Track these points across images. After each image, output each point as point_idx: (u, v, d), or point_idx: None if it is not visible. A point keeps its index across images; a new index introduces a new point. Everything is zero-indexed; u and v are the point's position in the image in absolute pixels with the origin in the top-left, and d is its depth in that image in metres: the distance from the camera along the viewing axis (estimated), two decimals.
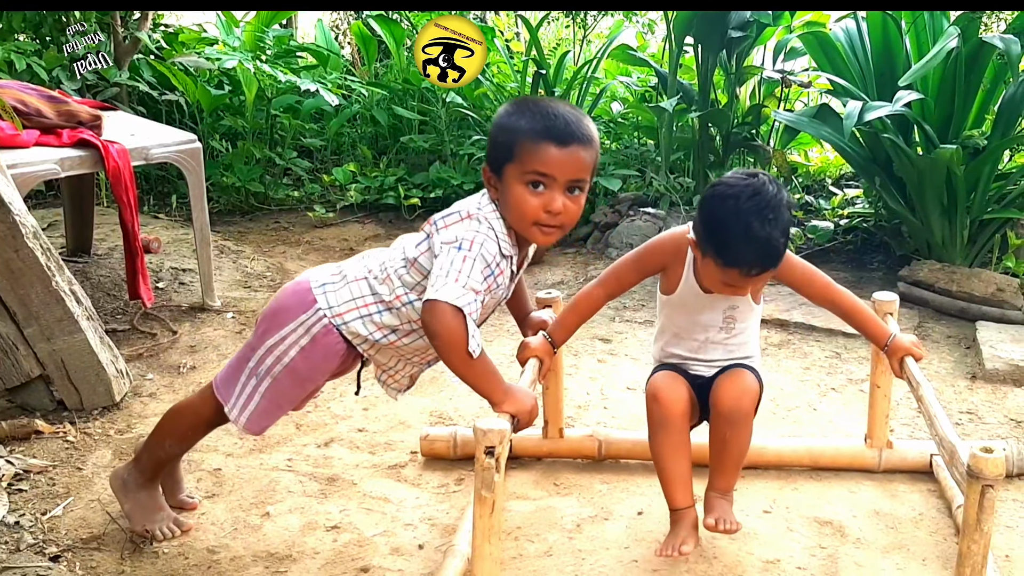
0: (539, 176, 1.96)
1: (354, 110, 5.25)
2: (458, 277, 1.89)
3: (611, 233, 4.41)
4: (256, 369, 2.15)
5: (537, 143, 1.95)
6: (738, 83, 4.51)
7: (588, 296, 2.26)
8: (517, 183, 1.97)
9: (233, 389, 2.18)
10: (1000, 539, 2.32)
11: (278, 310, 2.14)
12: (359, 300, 2.09)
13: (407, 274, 2.06)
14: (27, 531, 2.30)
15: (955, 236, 3.85)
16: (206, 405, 2.24)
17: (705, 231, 2.06)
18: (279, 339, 2.12)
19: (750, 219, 1.98)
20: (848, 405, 3.02)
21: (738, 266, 2.02)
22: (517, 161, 1.96)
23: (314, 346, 2.10)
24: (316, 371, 2.14)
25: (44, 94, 3.42)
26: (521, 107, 2.02)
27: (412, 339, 2.11)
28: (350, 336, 2.09)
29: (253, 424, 2.18)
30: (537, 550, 2.28)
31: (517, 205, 1.98)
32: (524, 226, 2.01)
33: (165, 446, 2.29)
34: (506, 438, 1.76)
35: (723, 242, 2.01)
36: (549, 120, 1.96)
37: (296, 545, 2.30)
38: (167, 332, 3.47)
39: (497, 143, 2.01)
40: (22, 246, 2.74)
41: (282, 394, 2.16)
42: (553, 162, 1.95)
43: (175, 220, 4.69)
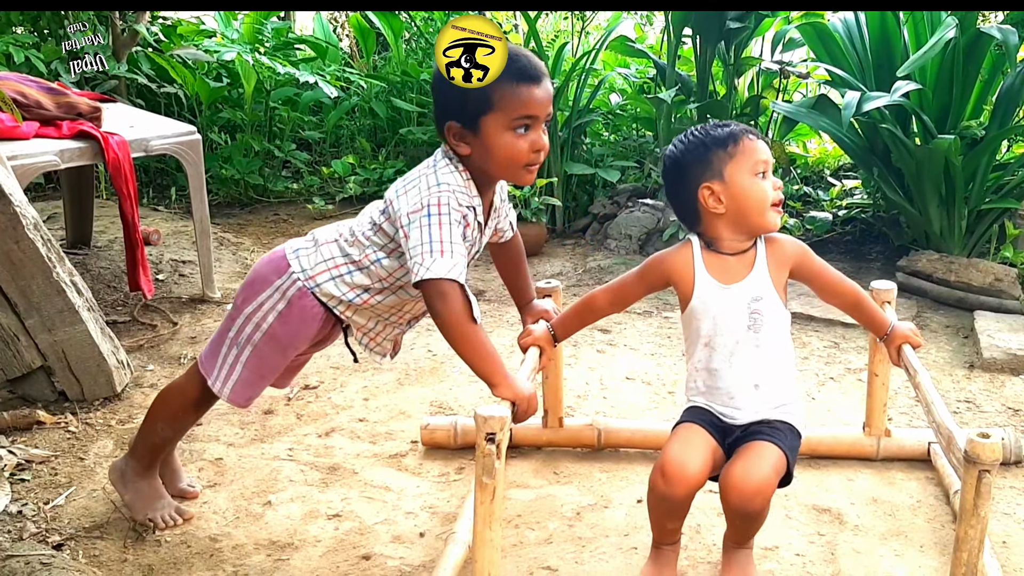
0: (526, 119, 1.97)
1: (353, 102, 5.26)
2: (442, 248, 1.90)
3: (610, 224, 4.42)
4: (236, 339, 2.16)
5: (517, 87, 1.95)
6: (736, 74, 4.51)
7: (592, 302, 2.24)
8: (503, 131, 1.96)
9: (215, 361, 2.19)
10: (997, 525, 2.34)
11: (255, 279, 2.16)
12: (330, 261, 2.11)
13: (374, 235, 2.08)
14: (30, 520, 2.31)
15: (953, 226, 3.86)
16: (192, 383, 2.26)
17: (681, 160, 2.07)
18: (256, 306, 2.14)
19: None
20: (846, 394, 3.03)
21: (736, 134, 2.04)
22: (499, 110, 1.95)
23: (290, 310, 2.12)
24: (295, 336, 2.15)
25: (44, 86, 3.42)
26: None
27: (384, 296, 2.12)
28: (324, 298, 2.11)
29: (237, 395, 2.19)
30: (537, 537, 2.30)
31: (507, 152, 1.98)
32: (514, 170, 2.02)
33: (158, 430, 2.30)
34: (507, 425, 1.77)
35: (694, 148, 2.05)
36: (516, 62, 1.95)
37: (298, 533, 2.31)
38: (167, 323, 3.48)
39: (467, 97, 1.96)
40: (23, 237, 2.75)
41: (264, 362, 2.17)
42: (535, 101, 1.97)
43: (174, 212, 4.70)
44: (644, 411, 2.92)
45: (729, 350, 2.06)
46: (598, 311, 2.24)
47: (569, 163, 4.53)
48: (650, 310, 3.70)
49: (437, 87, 2.04)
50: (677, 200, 2.11)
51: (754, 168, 2.03)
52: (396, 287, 2.12)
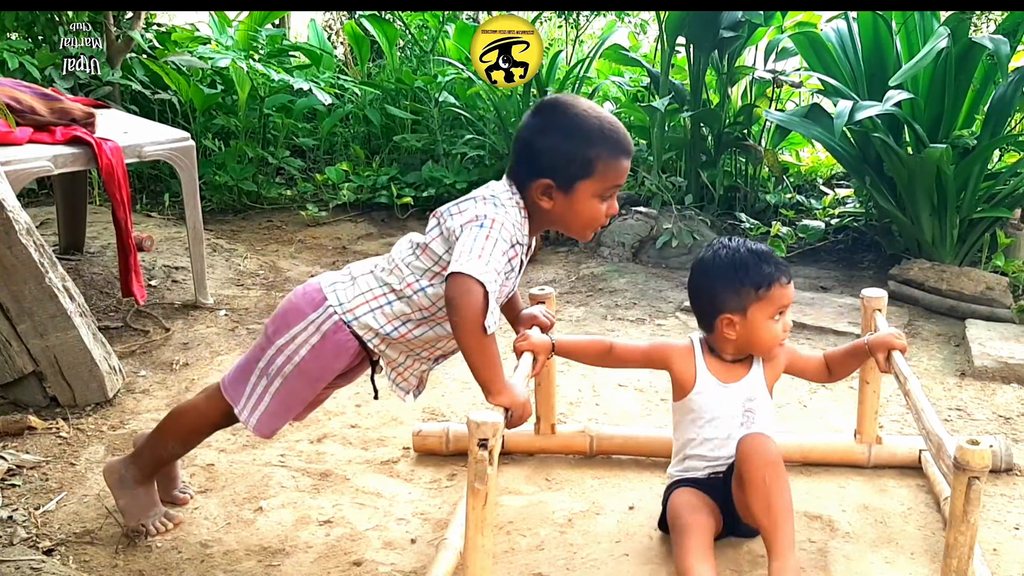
0: (615, 188, 2.09)
1: (347, 109, 5.26)
2: (481, 254, 1.92)
3: (603, 232, 4.42)
4: (267, 369, 2.15)
5: (616, 160, 2.07)
6: (730, 83, 4.53)
7: (599, 346, 2.34)
8: (593, 198, 2.07)
9: (243, 389, 2.18)
10: (988, 533, 2.34)
11: (289, 310, 2.16)
12: (368, 294, 2.11)
13: (416, 260, 2.08)
14: (20, 525, 2.30)
15: (945, 235, 3.88)
16: (212, 407, 2.24)
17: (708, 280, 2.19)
18: (290, 338, 2.13)
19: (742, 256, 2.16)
20: (838, 402, 3.04)
21: (769, 287, 2.13)
22: (596, 179, 2.05)
23: (324, 344, 2.11)
24: (326, 370, 2.14)
25: (37, 91, 3.42)
26: (582, 123, 2.05)
27: (422, 330, 2.12)
28: (361, 331, 2.10)
29: (263, 425, 2.18)
30: (529, 544, 2.30)
31: (590, 216, 2.09)
32: (587, 231, 2.14)
33: (168, 447, 2.30)
34: (499, 431, 1.77)
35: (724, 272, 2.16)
36: (616, 135, 2.07)
37: (289, 539, 2.31)
38: (160, 329, 3.48)
39: (570, 161, 2.04)
40: (15, 242, 2.75)
41: (292, 395, 2.16)
42: (624, 174, 2.11)
43: (168, 218, 4.69)
44: (636, 418, 2.93)
45: (720, 442, 2.22)
46: (599, 356, 2.34)
47: None
48: (643, 317, 3.70)
49: (532, 147, 2.08)
50: (696, 304, 2.27)
51: (775, 312, 2.16)
52: (436, 320, 2.11)
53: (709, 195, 4.65)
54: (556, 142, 2.04)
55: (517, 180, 2.09)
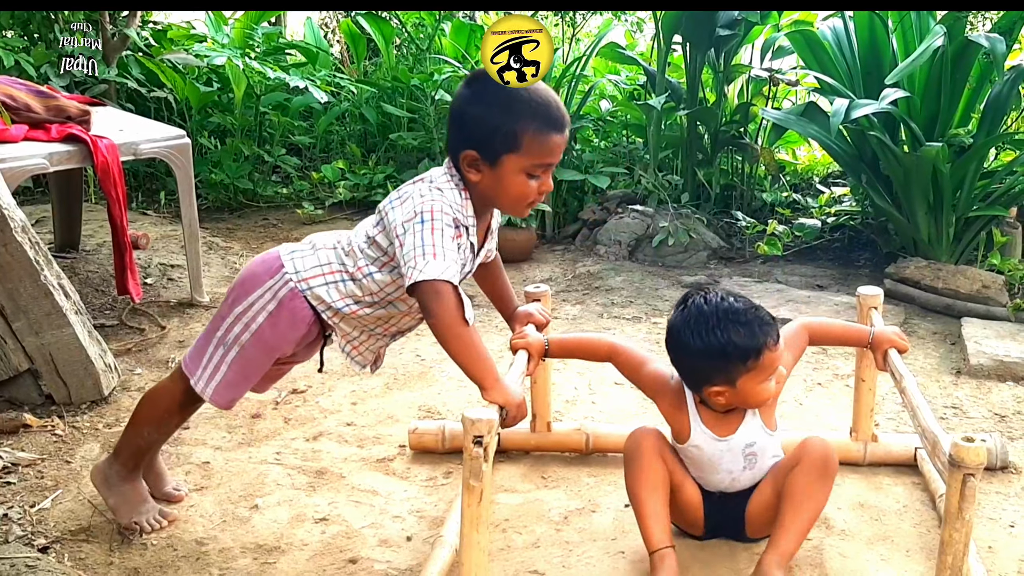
0: (545, 165, 2.04)
1: (343, 108, 5.26)
2: (435, 252, 1.92)
3: (599, 230, 4.43)
4: (224, 338, 2.16)
5: (545, 135, 2.00)
6: (726, 81, 4.53)
7: (596, 347, 2.31)
8: (519, 173, 2.02)
9: (200, 361, 2.18)
10: (983, 531, 2.34)
11: (247, 278, 2.16)
12: (325, 267, 2.11)
13: (368, 248, 2.09)
14: (16, 523, 2.30)
15: (941, 234, 3.88)
16: (177, 385, 2.25)
17: (691, 357, 2.07)
18: (247, 306, 2.13)
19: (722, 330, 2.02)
20: (834, 400, 3.04)
21: (759, 349, 2.01)
22: (522, 153, 2.00)
23: (280, 311, 2.11)
24: (283, 339, 2.14)
25: (33, 89, 3.42)
26: (510, 94, 2.00)
27: (373, 310, 2.13)
28: (314, 301, 2.11)
29: (219, 395, 2.18)
30: (525, 542, 2.30)
31: (518, 191, 2.03)
32: (517, 207, 2.08)
33: (144, 434, 2.29)
34: (494, 428, 1.77)
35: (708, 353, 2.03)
36: (548, 109, 2.01)
37: (285, 537, 2.31)
38: (155, 327, 3.48)
39: (494, 133, 1.99)
40: (10, 240, 2.74)
41: (249, 364, 2.16)
42: (557, 150, 2.04)
43: (163, 217, 4.69)
44: (632, 416, 2.92)
45: (726, 484, 2.19)
46: (597, 356, 2.33)
47: (559, 169, 4.54)
48: (639, 316, 3.70)
49: (462, 117, 2.05)
50: (680, 371, 2.14)
51: (767, 377, 2.06)
52: (386, 302, 2.12)
53: (705, 193, 4.65)
54: (482, 112, 2.00)
55: (452, 154, 2.07)
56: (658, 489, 2.12)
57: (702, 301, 2.06)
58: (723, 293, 2.08)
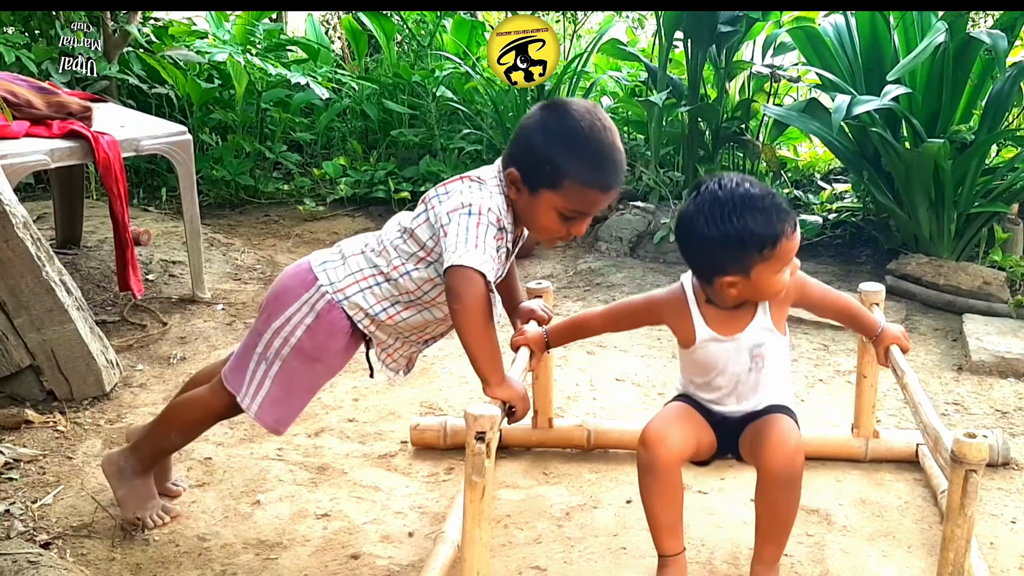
0: (578, 214, 2.03)
1: (344, 104, 5.25)
2: (477, 242, 1.92)
3: (600, 227, 4.42)
4: (264, 354, 2.15)
5: (587, 189, 1.99)
6: (727, 78, 4.52)
7: (588, 323, 2.28)
8: (552, 210, 2.02)
9: (243, 377, 2.17)
10: (985, 527, 2.34)
11: (281, 292, 2.16)
12: (358, 274, 2.11)
13: (403, 244, 2.08)
14: (17, 519, 2.30)
15: (942, 230, 3.88)
16: (216, 398, 2.23)
17: (704, 246, 1.94)
18: (284, 320, 2.13)
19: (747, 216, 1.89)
20: (835, 396, 3.04)
21: (776, 236, 1.90)
22: (560, 194, 2.00)
23: (319, 323, 2.11)
24: (323, 350, 2.14)
25: (34, 85, 3.42)
26: (572, 135, 1.98)
27: (410, 313, 2.13)
28: (351, 310, 2.11)
29: (265, 412, 2.17)
30: (526, 537, 2.30)
31: (546, 226, 2.05)
32: (543, 237, 2.11)
33: (170, 438, 2.29)
34: (497, 424, 1.77)
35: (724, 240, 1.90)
36: (602, 166, 1.99)
37: (286, 533, 2.31)
38: (157, 323, 3.48)
39: (541, 165, 1.99)
40: (12, 236, 2.74)
41: (292, 378, 2.16)
42: (595, 205, 2.04)
43: (165, 213, 4.69)
44: (634, 412, 2.93)
45: (731, 388, 2.09)
46: (591, 331, 2.30)
47: None
48: None
49: (523, 136, 2.04)
50: (689, 261, 2.03)
51: (783, 267, 1.96)
52: (422, 305, 2.12)
53: None
54: (541, 140, 2.00)
55: (504, 163, 2.08)
56: (675, 502, 2.04)
57: (716, 187, 1.92)
58: (738, 178, 1.94)
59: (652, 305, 2.14)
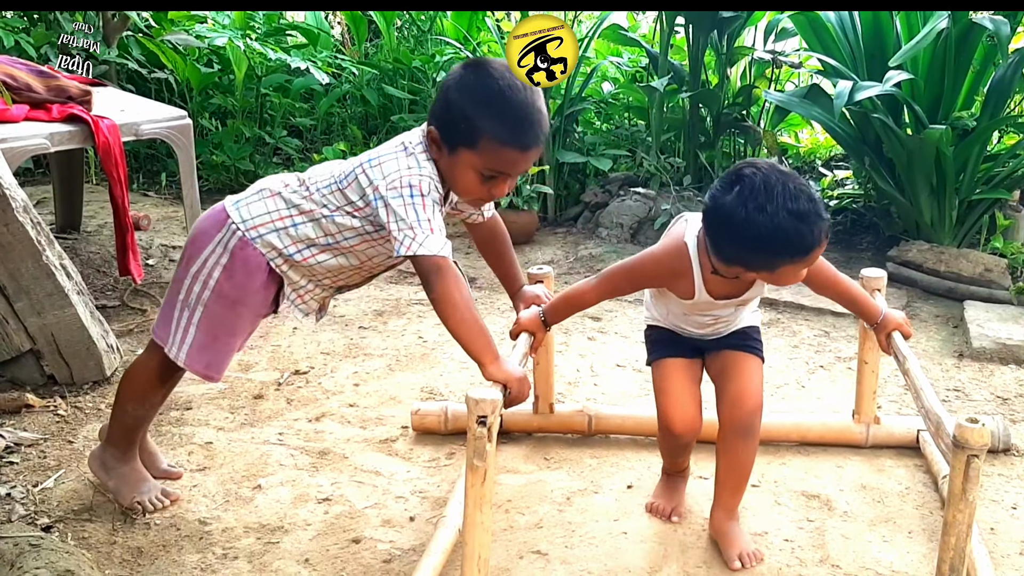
0: (497, 173, 2.00)
1: (344, 89, 5.23)
2: (431, 226, 1.92)
3: (601, 213, 4.42)
4: (187, 300, 2.14)
5: (504, 148, 1.96)
6: (729, 63, 4.51)
7: (581, 295, 2.26)
8: (470, 169, 1.99)
9: (169, 328, 2.17)
10: (985, 513, 2.35)
11: (196, 236, 2.15)
12: (274, 213, 2.10)
13: (331, 195, 2.07)
14: (18, 502, 2.30)
15: (944, 217, 3.87)
16: (152, 356, 2.24)
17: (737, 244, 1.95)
18: (201, 263, 2.12)
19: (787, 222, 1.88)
20: (836, 382, 3.04)
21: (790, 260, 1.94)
22: (477, 153, 1.97)
23: (234, 262, 2.10)
24: (242, 289, 2.12)
25: (34, 69, 3.40)
26: (489, 93, 1.96)
27: (327, 256, 2.11)
28: (264, 249, 2.09)
29: (193, 359, 2.15)
30: (528, 522, 2.30)
31: (466, 186, 2.02)
32: (461, 195, 2.08)
33: (128, 411, 2.29)
34: (498, 408, 1.77)
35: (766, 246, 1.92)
36: (518, 122, 1.96)
37: (288, 517, 2.31)
38: (157, 308, 3.45)
39: (458, 123, 1.96)
40: (12, 220, 2.73)
41: (216, 322, 2.14)
42: (513, 164, 2.00)
43: (165, 198, 4.68)
44: (634, 398, 2.93)
45: (710, 328, 2.24)
46: (587, 301, 2.29)
47: (561, 151, 4.53)
48: (641, 297, 3.69)
49: (442, 94, 2.02)
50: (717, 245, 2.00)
51: (807, 265, 2.00)
52: (340, 249, 2.10)
53: (708, 176, 4.63)
54: (458, 97, 1.97)
55: (428, 122, 2.05)
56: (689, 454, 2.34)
57: (761, 184, 1.89)
58: (783, 177, 1.91)
59: (652, 268, 2.16)
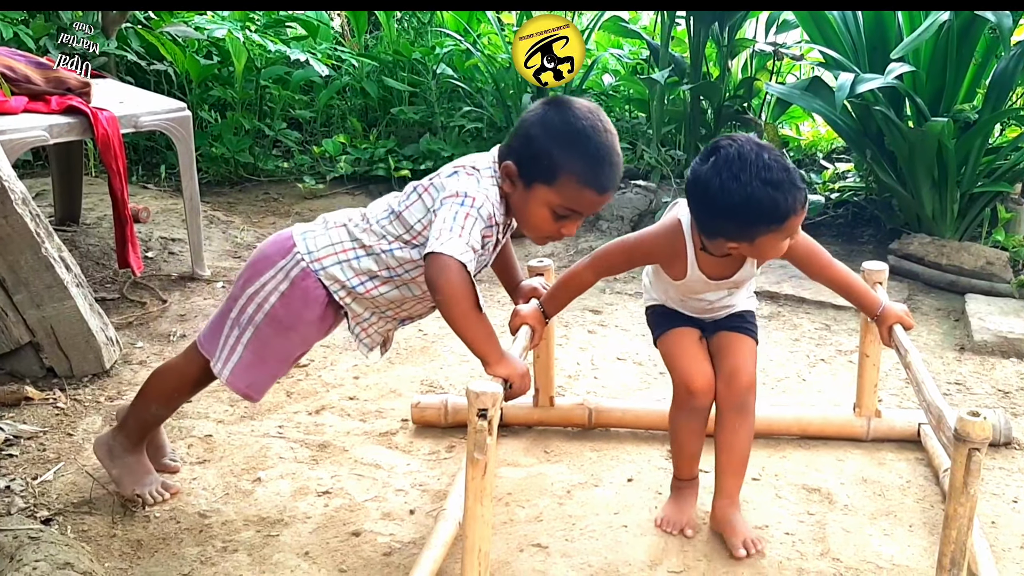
0: (570, 212, 2.01)
1: (344, 81, 5.22)
2: (461, 232, 1.91)
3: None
4: (239, 319, 2.14)
5: (582, 188, 1.98)
6: (730, 56, 4.50)
7: (577, 276, 2.25)
8: (544, 206, 2.00)
9: (217, 342, 2.17)
10: (986, 506, 2.34)
11: (259, 259, 2.15)
12: (338, 245, 2.10)
13: (389, 224, 2.07)
14: (18, 495, 2.30)
15: (945, 210, 3.86)
16: (191, 364, 2.24)
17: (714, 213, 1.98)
18: (259, 286, 2.12)
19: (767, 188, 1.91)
20: (837, 376, 3.04)
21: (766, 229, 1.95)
22: (555, 190, 1.98)
23: (293, 291, 2.10)
24: (297, 319, 2.12)
25: (33, 60, 3.39)
26: (572, 132, 1.97)
27: (387, 288, 2.11)
28: (327, 281, 2.10)
29: (236, 377, 2.16)
30: (528, 515, 2.30)
31: (537, 223, 2.03)
32: (534, 234, 2.07)
33: (151, 409, 2.29)
34: (498, 401, 1.76)
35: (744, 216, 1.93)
36: (599, 164, 1.97)
37: (288, 510, 2.31)
38: (156, 301, 3.47)
39: (538, 158, 1.97)
40: (11, 212, 2.73)
41: (265, 345, 2.14)
42: (590, 205, 2.02)
43: (164, 190, 4.67)
44: (635, 391, 2.92)
45: (705, 309, 2.27)
46: (584, 284, 2.28)
47: None
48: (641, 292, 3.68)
49: (522, 129, 2.01)
50: (697, 218, 2.05)
51: (787, 237, 2.02)
52: (401, 281, 2.10)
53: None
54: (540, 133, 1.98)
55: (502, 157, 2.05)
56: (703, 435, 2.27)
57: (735, 153, 1.93)
58: (757, 147, 1.94)
59: (648, 245, 2.18)
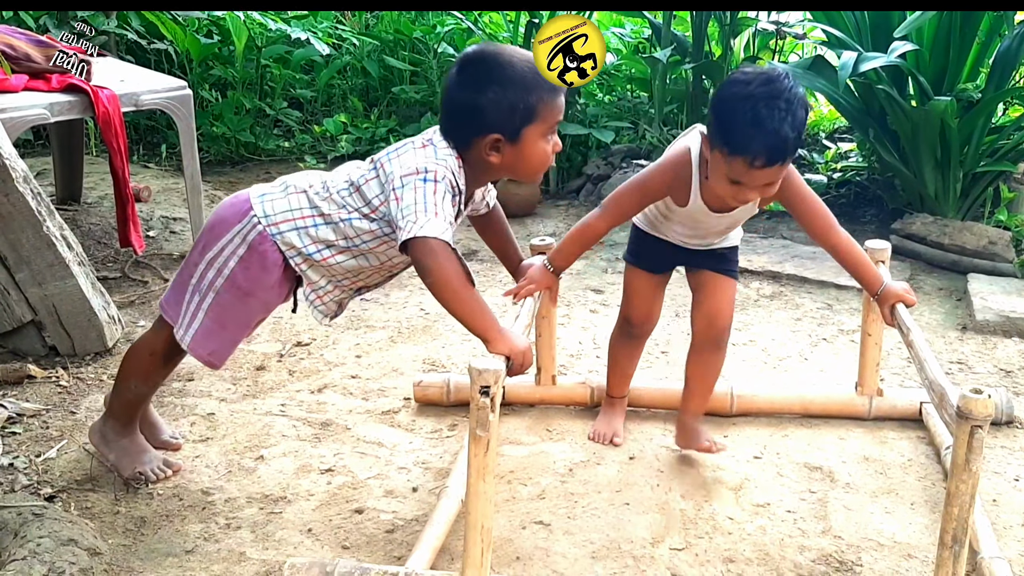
0: (553, 129, 2.06)
1: (345, 61, 5.20)
2: (436, 210, 1.91)
3: (603, 185, 4.40)
4: (199, 285, 2.14)
5: (555, 99, 2.04)
6: (732, 34, 4.47)
7: (590, 228, 2.27)
8: (539, 139, 2.04)
9: (179, 309, 2.16)
10: (988, 484, 2.35)
11: (216, 223, 2.14)
12: (296, 211, 2.09)
13: (349, 196, 2.07)
14: (21, 472, 2.30)
15: (948, 189, 3.85)
16: (159, 335, 2.24)
17: (714, 119, 2.05)
18: (217, 251, 2.11)
19: (758, 105, 1.96)
20: (839, 355, 3.04)
21: (743, 154, 1.98)
22: (540, 121, 2.02)
23: (251, 255, 2.09)
24: (256, 283, 2.11)
25: (33, 39, 3.37)
26: (514, 71, 2.01)
27: (345, 258, 2.11)
28: (284, 247, 2.09)
29: (198, 344, 2.15)
30: (530, 493, 2.30)
31: (540, 158, 2.06)
32: (537, 174, 2.12)
33: (131, 387, 2.29)
34: (501, 378, 1.76)
35: (729, 128, 2.00)
36: (543, 74, 2.03)
37: (290, 487, 2.31)
38: (158, 280, 3.47)
39: (514, 110, 2.00)
40: (12, 190, 2.72)
41: (225, 311, 2.13)
42: (562, 108, 2.07)
43: (165, 170, 4.66)
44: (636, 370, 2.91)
45: (699, 237, 2.32)
46: (599, 232, 2.31)
47: (563, 124, 4.48)
48: None
49: (472, 105, 2.01)
50: (708, 134, 2.10)
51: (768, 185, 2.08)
52: (359, 251, 2.10)
53: None
54: (497, 96, 1.99)
55: (455, 138, 2.04)
56: (637, 359, 2.56)
57: (754, 74, 2.02)
58: (788, 91, 2.01)
59: (659, 178, 2.22)
